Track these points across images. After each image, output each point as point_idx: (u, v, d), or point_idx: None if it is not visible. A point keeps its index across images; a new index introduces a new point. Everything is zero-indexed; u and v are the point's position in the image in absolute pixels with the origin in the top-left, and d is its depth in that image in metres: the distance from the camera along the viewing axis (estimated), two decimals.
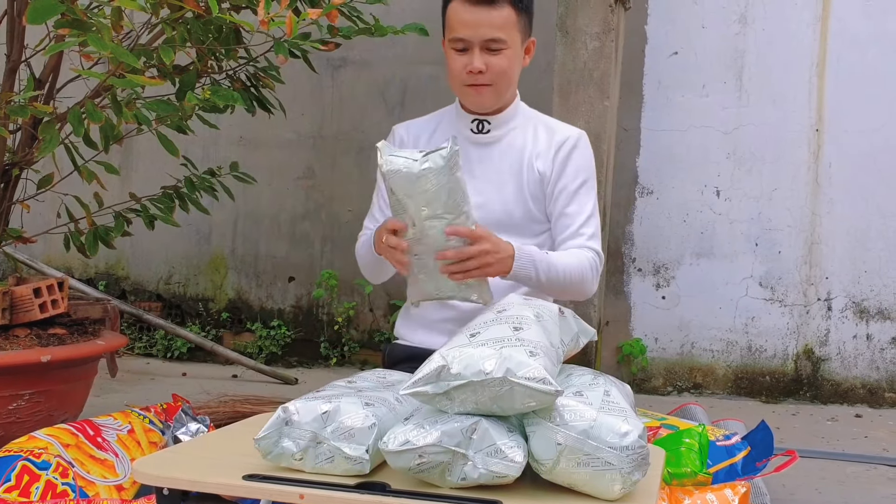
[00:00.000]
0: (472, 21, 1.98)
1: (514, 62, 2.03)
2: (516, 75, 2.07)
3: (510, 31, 2.00)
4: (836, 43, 4.57)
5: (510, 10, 1.99)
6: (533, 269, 1.92)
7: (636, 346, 4.71)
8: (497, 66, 2.00)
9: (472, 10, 1.98)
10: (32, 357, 2.77)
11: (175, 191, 3.45)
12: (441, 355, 1.35)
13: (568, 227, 2.05)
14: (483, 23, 1.97)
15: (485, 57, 1.99)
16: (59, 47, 2.58)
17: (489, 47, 1.99)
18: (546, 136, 2.08)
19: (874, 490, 3.15)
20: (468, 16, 1.98)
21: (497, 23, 1.98)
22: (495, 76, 2.01)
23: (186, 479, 1.39)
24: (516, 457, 1.31)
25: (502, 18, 1.98)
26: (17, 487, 2.37)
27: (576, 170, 2.06)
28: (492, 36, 1.98)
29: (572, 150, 2.07)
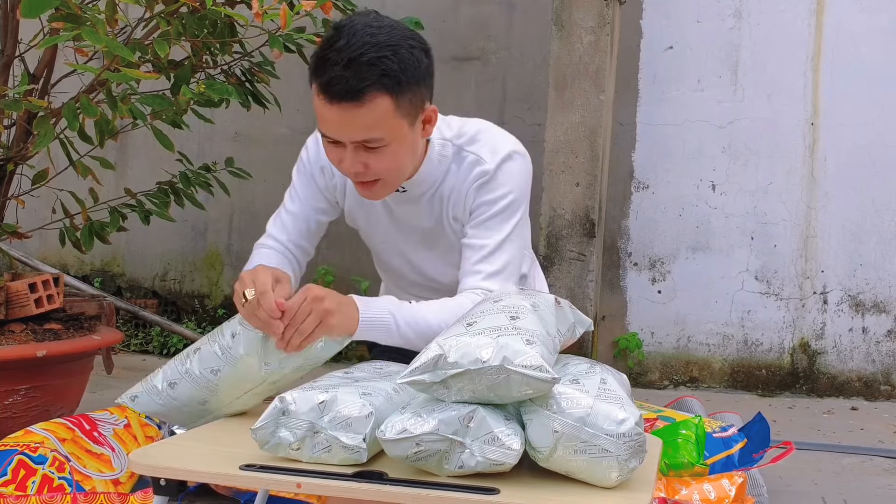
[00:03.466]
0: (334, 121, 1.55)
1: (401, 152, 1.61)
2: (412, 157, 1.66)
3: (389, 124, 1.56)
4: (830, 37, 4.58)
5: (385, 100, 1.53)
6: (391, 321, 1.61)
7: (632, 340, 4.71)
8: (378, 164, 1.60)
9: (331, 108, 1.53)
10: (28, 352, 2.77)
11: (170, 186, 3.45)
12: (438, 344, 1.35)
13: (466, 261, 1.72)
14: (349, 124, 1.54)
15: (361, 155, 1.58)
16: (54, 41, 2.57)
17: (365, 146, 1.58)
18: (464, 175, 1.72)
19: (870, 481, 3.16)
20: (328, 114, 1.54)
21: (367, 123, 1.54)
22: (379, 173, 1.62)
23: (183, 469, 1.38)
24: (513, 444, 1.31)
25: (374, 115, 1.53)
26: (14, 481, 2.37)
27: (490, 200, 1.71)
28: (363, 137, 1.56)
29: (486, 184, 1.70)
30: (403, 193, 1.76)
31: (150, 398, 1.71)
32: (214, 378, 1.66)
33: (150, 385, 1.71)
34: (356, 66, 1.51)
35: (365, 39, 1.52)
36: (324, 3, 2.65)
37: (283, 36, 3.00)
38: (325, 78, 1.52)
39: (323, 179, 1.84)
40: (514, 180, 1.72)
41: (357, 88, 1.51)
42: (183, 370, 1.68)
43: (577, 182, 3.96)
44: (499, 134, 1.77)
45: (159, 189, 3.45)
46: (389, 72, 1.52)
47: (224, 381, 1.65)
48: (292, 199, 1.88)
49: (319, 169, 1.83)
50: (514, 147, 1.74)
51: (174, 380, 1.69)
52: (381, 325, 1.61)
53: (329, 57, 1.52)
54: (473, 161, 1.72)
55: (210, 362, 1.66)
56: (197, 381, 1.66)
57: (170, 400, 1.69)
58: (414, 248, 1.85)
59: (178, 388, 1.68)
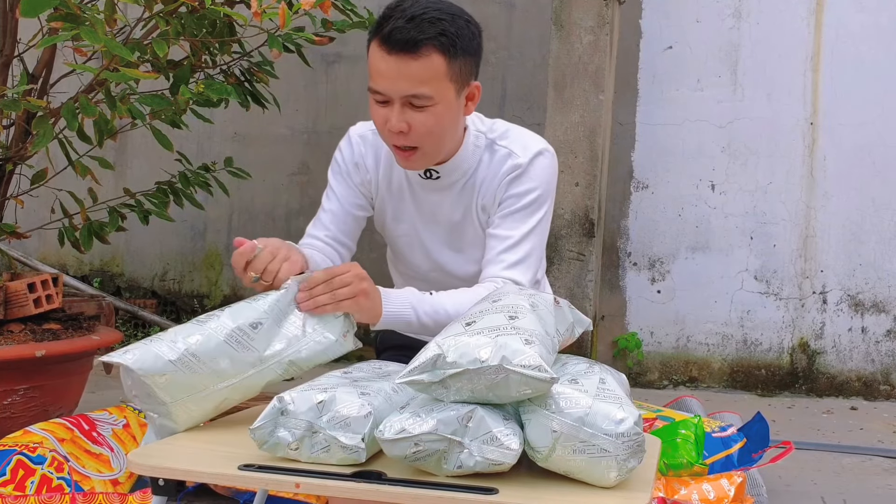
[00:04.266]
0: (389, 72, 1.62)
1: (445, 118, 1.68)
2: (453, 129, 1.73)
3: (439, 84, 1.64)
4: (830, 36, 4.57)
5: (439, 58, 1.62)
6: (411, 312, 1.67)
7: (632, 340, 4.71)
8: (422, 125, 1.66)
9: (388, 58, 1.62)
10: (27, 352, 2.77)
11: (169, 186, 3.45)
12: (437, 344, 1.35)
13: (491, 250, 1.78)
14: (402, 75, 1.62)
15: (407, 114, 1.65)
16: (53, 40, 2.57)
17: (412, 103, 1.64)
18: (496, 167, 1.80)
19: (869, 481, 3.16)
20: (384, 65, 1.62)
21: (420, 76, 1.62)
22: (420, 138, 1.67)
23: (182, 469, 1.38)
24: (512, 444, 1.31)
25: (427, 70, 1.62)
26: (13, 482, 2.37)
27: (519, 193, 1.78)
28: (413, 92, 1.63)
29: (518, 177, 1.78)
30: (436, 180, 1.81)
31: (156, 352, 1.51)
32: (253, 332, 1.57)
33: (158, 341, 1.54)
34: (418, 21, 1.61)
35: (429, 3, 1.65)
36: (322, 3, 2.64)
37: (281, 35, 3.01)
38: (387, 29, 1.62)
39: (358, 175, 1.89)
40: (544, 176, 1.80)
41: (416, 40, 1.61)
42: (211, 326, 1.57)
43: (577, 182, 3.95)
44: (527, 132, 1.86)
45: (158, 189, 3.45)
46: (447, 32, 1.63)
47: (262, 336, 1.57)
48: (329, 198, 1.92)
49: (354, 165, 1.89)
50: (544, 145, 1.83)
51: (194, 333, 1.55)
52: (402, 318, 1.68)
53: (393, 14, 1.64)
54: (506, 154, 1.80)
55: (250, 316, 1.58)
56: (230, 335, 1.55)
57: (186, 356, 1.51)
58: (437, 242, 1.88)
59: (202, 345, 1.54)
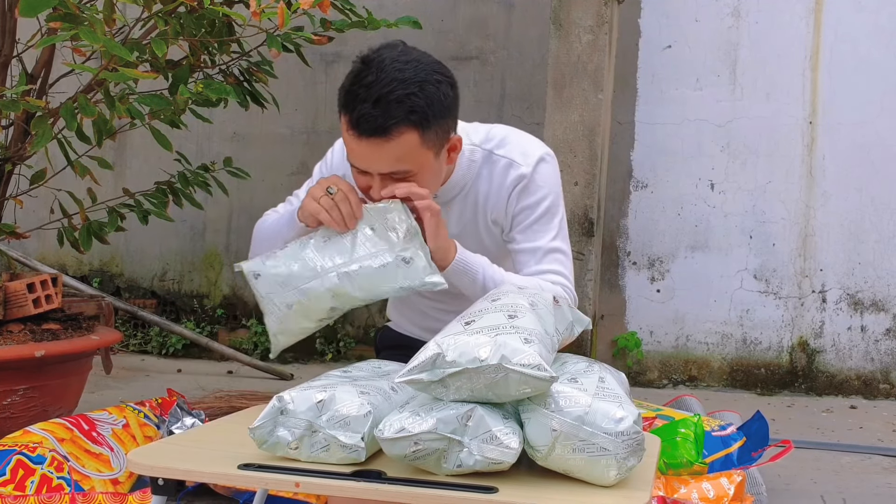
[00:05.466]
0: (363, 154, 1.61)
1: (428, 180, 1.65)
2: (438, 181, 1.71)
3: (415, 157, 1.60)
4: (829, 36, 4.58)
5: (411, 135, 1.58)
6: (480, 270, 1.70)
7: (631, 339, 4.71)
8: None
9: (360, 142, 1.58)
10: (26, 352, 2.77)
11: (169, 186, 3.45)
12: (436, 343, 1.35)
13: (525, 266, 1.78)
14: (377, 157, 1.60)
15: (389, 184, 1.63)
16: (51, 40, 2.57)
17: (392, 177, 1.63)
18: (499, 180, 1.77)
19: (869, 479, 3.16)
20: (357, 148, 1.60)
21: (395, 155, 1.59)
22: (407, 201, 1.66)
23: (182, 468, 1.38)
24: (512, 443, 1.31)
25: (401, 148, 1.58)
26: (13, 482, 2.37)
27: (531, 204, 1.77)
28: (390, 170, 1.61)
29: (525, 188, 1.76)
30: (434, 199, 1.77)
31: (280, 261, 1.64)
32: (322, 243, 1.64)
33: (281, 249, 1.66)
34: (384, 104, 1.55)
35: (393, 76, 1.56)
36: (321, 2, 2.64)
37: (281, 35, 3.00)
38: (354, 115, 1.57)
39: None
40: (550, 182, 1.79)
41: (385, 126, 1.56)
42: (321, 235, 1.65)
43: (576, 181, 3.95)
44: (525, 137, 1.82)
45: (158, 189, 3.45)
46: (416, 108, 1.57)
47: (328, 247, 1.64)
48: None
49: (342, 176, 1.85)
50: (544, 149, 1.80)
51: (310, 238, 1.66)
52: (471, 270, 1.70)
53: (358, 93, 1.57)
54: (507, 165, 1.77)
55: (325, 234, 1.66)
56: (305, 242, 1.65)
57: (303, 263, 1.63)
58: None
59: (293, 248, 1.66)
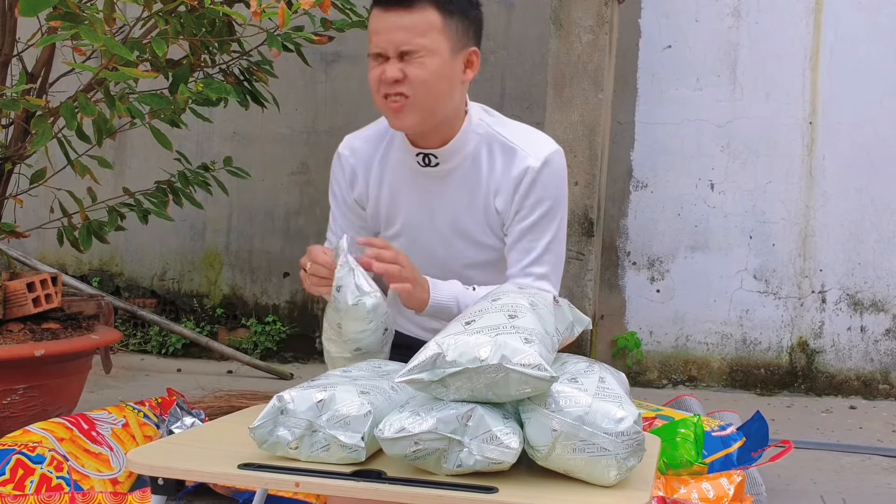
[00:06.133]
0: (384, 28, 1.70)
1: (438, 73, 1.71)
2: (447, 89, 1.74)
3: (432, 37, 1.69)
4: (829, 36, 4.58)
5: (433, 13, 1.69)
6: (454, 305, 1.73)
7: (631, 339, 4.71)
8: (415, 76, 1.69)
9: (384, 15, 1.70)
10: (26, 351, 2.77)
11: (169, 185, 3.45)
12: (436, 343, 1.35)
13: (516, 263, 1.81)
14: (397, 28, 1.68)
15: (402, 65, 1.70)
16: (52, 39, 2.57)
17: (406, 56, 1.69)
18: (504, 165, 1.80)
19: (869, 480, 3.16)
20: (380, 23, 1.70)
21: (414, 27, 1.68)
22: (414, 87, 1.70)
23: (182, 468, 1.38)
24: (512, 443, 1.31)
25: (421, 22, 1.68)
26: (12, 481, 2.37)
27: (535, 202, 1.79)
28: (407, 42, 1.69)
29: (533, 184, 1.78)
30: (435, 167, 1.81)
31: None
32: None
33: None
34: None
35: None
36: (322, 2, 2.64)
37: (281, 35, 3.00)
38: None
39: (353, 192, 1.90)
40: (558, 180, 1.81)
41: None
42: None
43: (576, 181, 3.95)
44: (534, 131, 1.85)
45: (158, 188, 3.45)
46: None
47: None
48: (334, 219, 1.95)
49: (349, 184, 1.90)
50: (554, 145, 1.82)
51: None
52: (446, 308, 1.74)
53: None
54: (514, 151, 1.79)
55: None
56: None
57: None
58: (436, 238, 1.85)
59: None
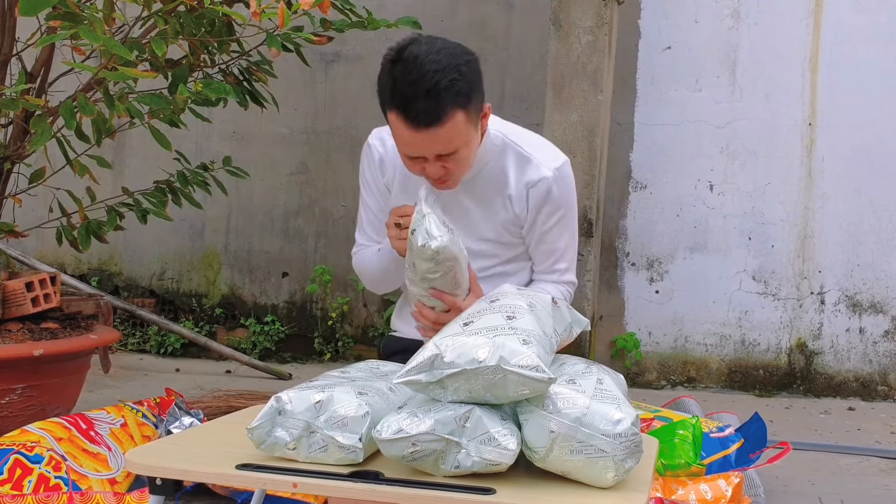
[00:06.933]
0: (419, 144, 1.74)
1: (472, 152, 1.82)
2: (477, 148, 1.86)
3: (463, 136, 1.75)
4: (828, 37, 4.58)
5: (460, 116, 1.72)
6: None
7: (630, 340, 4.71)
8: (456, 167, 1.80)
9: (415, 134, 1.72)
10: (25, 351, 2.77)
11: (168, 185, 3.45)
12: (434, 344, 1.35)
13: (542, 263, 2.00)
14: (433, 144, 1.73)
15: (442, 162, 1.78)
16: (51, 39, 2.57)
17: (444, 156, 1.77)
18: (517, 174, 1.92)
19: (867, 481, 3.16)
20: (412, 139, 1.73)
21: (449, 139, 1.73)
22: (456, 173, 1.82)
23: (180, 468, 1.38)
24: (509, 444, 1.31)
25: (453, 131, 1.72)
26: (10, 481, 2.37)
27: (552, 210, 1.94)
28: (445, 152, 1.75)
29: (547, 195, 1.92)
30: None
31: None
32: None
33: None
34: (434, 95, 1.68)
35: (433, 67, 1.69)
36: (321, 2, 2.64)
37: (280, 35, 3.00)
38: (412, 112, 1.69)
39: (381, 178, 2.02)
40: (569, 188, 1.97)
41: (439, 115, 1.70)
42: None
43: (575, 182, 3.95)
44: (545, 141, 2.01)
45: (157, 188, 3.44)
46: (461, 91, 1.71)
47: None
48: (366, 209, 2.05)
49: (379, 167, 2.01)
50: (563, 156, 1.98)
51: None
52: None
53: (407, 92, 1.70)
54: (527, 159, 1.93)
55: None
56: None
57: None
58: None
59: None
